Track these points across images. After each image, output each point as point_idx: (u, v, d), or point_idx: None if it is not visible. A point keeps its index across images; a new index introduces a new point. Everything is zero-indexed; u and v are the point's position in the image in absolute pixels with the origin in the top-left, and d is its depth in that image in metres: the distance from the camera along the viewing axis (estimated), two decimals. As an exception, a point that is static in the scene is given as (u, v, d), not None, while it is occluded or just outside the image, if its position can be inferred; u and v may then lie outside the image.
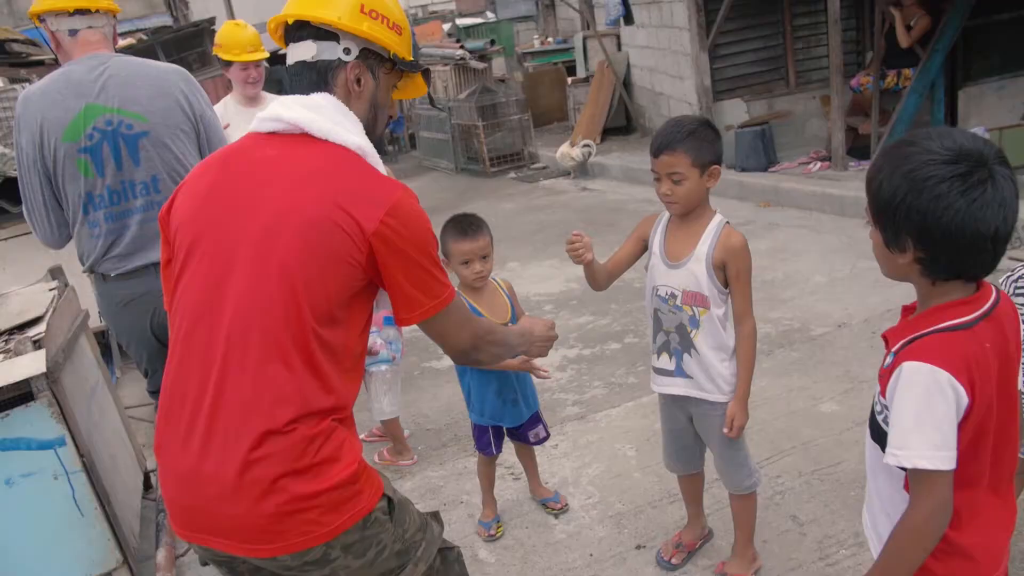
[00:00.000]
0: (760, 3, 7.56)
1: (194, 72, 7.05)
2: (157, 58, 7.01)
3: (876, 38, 7.04)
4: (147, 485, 3.79)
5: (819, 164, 7.09)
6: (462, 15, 17.62)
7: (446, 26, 15.56)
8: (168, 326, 1.62)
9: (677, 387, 2.42)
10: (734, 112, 7.83)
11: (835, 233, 5.88)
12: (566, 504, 3.11)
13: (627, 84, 10.28)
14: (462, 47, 11.11)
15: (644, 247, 2.47)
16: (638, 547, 2.82)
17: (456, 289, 1.71)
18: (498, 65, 12.91)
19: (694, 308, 2.32)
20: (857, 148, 7.22)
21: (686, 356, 2.37)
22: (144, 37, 6.86)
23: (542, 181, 9.68)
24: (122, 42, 7.16)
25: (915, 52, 6.91)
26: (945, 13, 6.77)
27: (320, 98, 1.60)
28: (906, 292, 1.56)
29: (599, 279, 2.44)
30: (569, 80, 11.53)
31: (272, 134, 1.61)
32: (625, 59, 10.28)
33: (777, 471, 3.10)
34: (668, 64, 8.48)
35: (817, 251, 5.58)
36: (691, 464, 2.64)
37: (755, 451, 3.24)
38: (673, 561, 2.70)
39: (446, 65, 10.97)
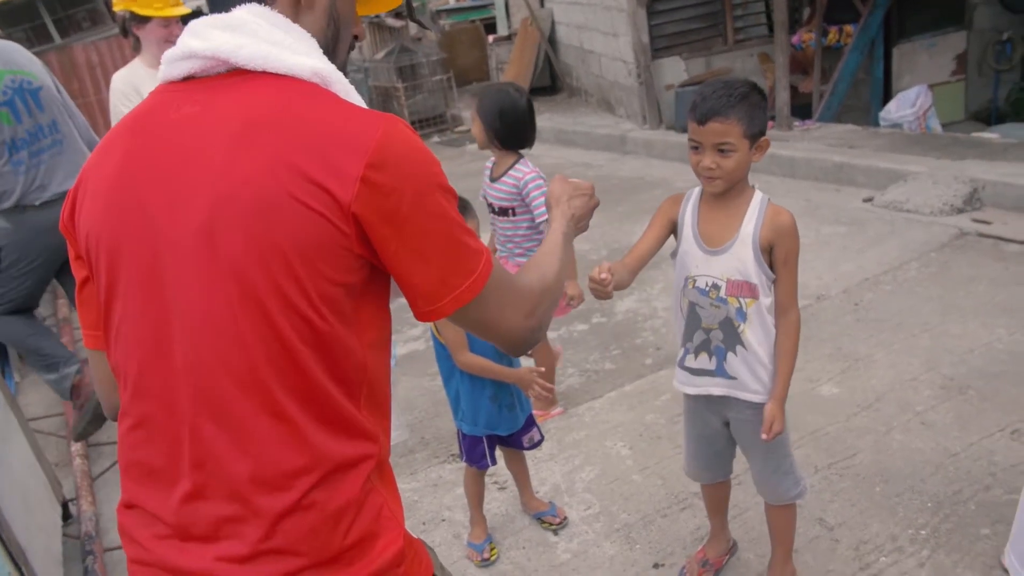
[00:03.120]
0: (697, -44, 7.28)
1: (84, 33, 6.34)
2: (39, 15, 6.18)
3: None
4: (66, 515, 3.26)
5: (763, 124, 6.92)
6: (368, -31, 16.73)
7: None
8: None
9: (717, 387, 2.10)
10: (673, 70, 7.56)
11: (790, 196, 5.70)
12: (565, 517, 2.79)
13: (552, 42, 9.87)
14: (376, 3, 10.42)
15: (670, 232, 2.13)
16: (656, 566, 2.53)
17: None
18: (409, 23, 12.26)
19: (741, 300, 1.99)
20: (797, 107, 7.08)
21: (731, 355, 2.05)
22: (22, -9, 6.04)
23: (468, 145, 9.21)
24: (-3, -3, 6.29)
25: (853, 6, 6.78)
26: (884, -33, 6.66)
27: (245, 12, 1.11)
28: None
29: (622, 285, 2.06)
30: (490, 38, 11.03)
31: (189, 80, 1.12)
32: (550, 16, 9.86)
33: (791, 467, 2.86)
34: (600, 21, 8.12)
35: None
36: (720, 472, 2.34)
37: (762, 444, 3.00)
38: None
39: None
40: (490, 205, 3.16)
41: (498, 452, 2.69)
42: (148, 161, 1.09)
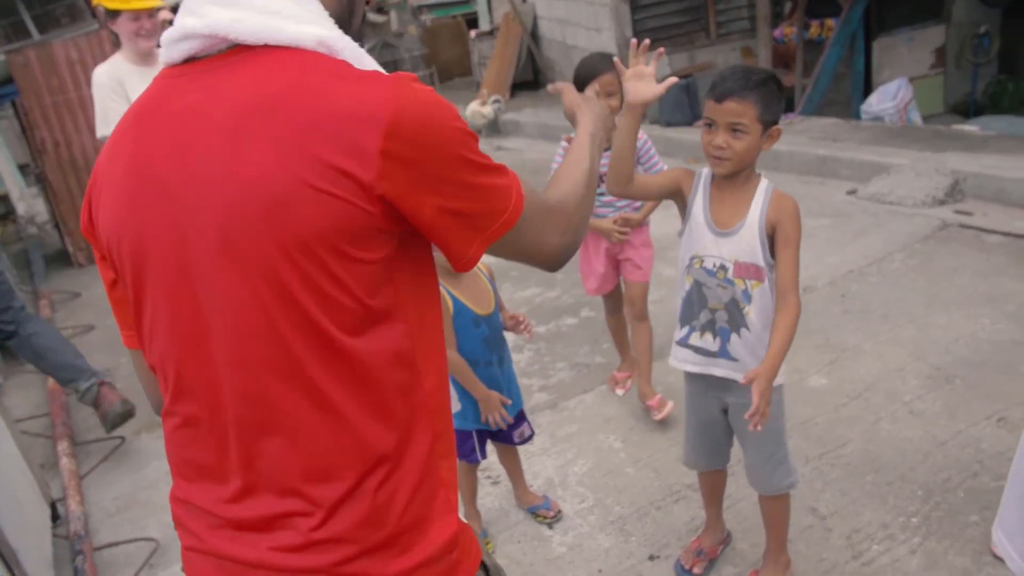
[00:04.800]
0: (679, -49, 7.30)
1: (63, 29, 6.31)
2: (16, 12, 6.09)
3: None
4: (54, 516, 3.23)
5: (746, 118, 6.95)
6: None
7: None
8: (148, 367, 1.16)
9: (719, 368, 2.12)
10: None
11: (773, 190, 5.75)
12: (559, 510, 2.80)
13: (535, 37, 9.86)
14: (357, -2, 10.36)
15: (672, 194, 2.17)
16: (651, 558, 2.55)
17: (515, 176, 1.14)
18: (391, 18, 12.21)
19: (747, 281, 2.03)
20: (779, 101, 7.12)
21: (734, 336, 2.08)
22: (0, -15, 5.93)
23: (452, 141, 9.21)
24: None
25: (835, 1, 6.83)
26: (864, -39, 6.71)
27: None
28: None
29: (628, 167, 2.08)
30: (472, 33, 11.00)
31: (190, 62, 1.05)
32: (532, 10, 9.85)
33: (783, 458, 2.88)
34: (583, 15, 8.12)
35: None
36: (718, 459, 2.36)
37: (753, 436, 3.02)
38: (695, 571, 2.43)
39: (341, 18, 10.22)
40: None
41: (490, 446, 2.69)
42: (158, 158, 1.04)
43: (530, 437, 2.71)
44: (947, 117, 7.78)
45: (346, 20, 1.12)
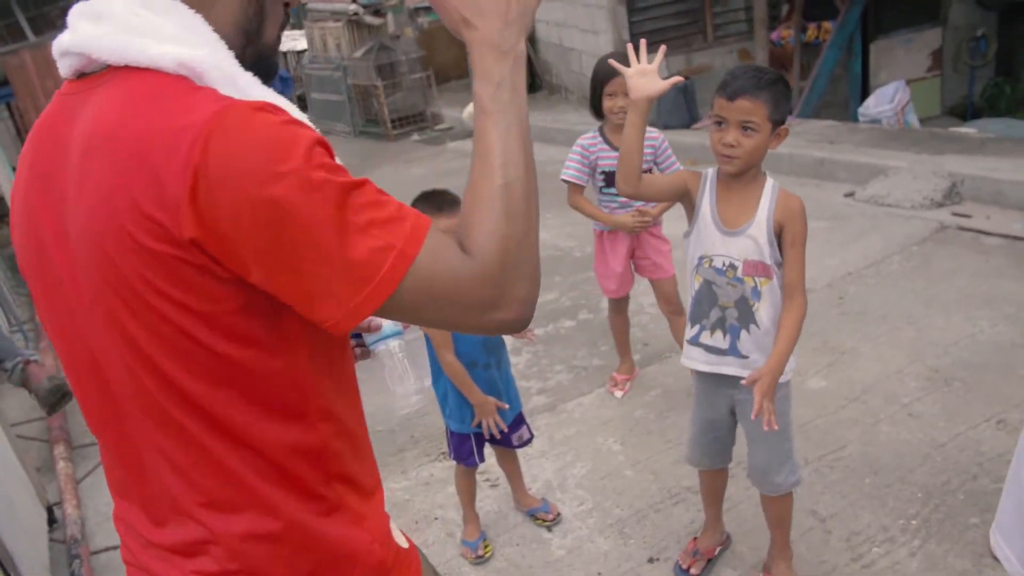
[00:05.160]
0: (675, -47, 7.32)
1: (58, 30, 6.22)
2: (12, 13, 6.08)
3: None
4: (51, 520, 3.22)
5: (743, 120, 6.96)
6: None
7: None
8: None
9: (729, 366, 2.14)
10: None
11: (771, 192, 5.76)
12: (558, 513, 2.79)
13: (531, 39, 9.86)
14: (354, 1, 10.36)
15: (680, 195, 2.17)
16: (651, 560, 2.54)
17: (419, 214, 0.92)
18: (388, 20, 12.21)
19: (756, 279, 2.05)
20: (776, 103, 7.14)
21: (744, 333, 2.09)
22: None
23: (449, 143, 9.21)
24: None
25: (831, 2, 6.84)
26: (861, -36, 6.73)
27: None
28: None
29: (636, 166, 2.06)
30: (469, 36, 10.99)
31: (82, 78, 0.96)
32: (529, 13, 9.85)
33: (782, 460, 2.88)
34: (580, 18, 8.13)
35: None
36: (721, 458, 2.36)
37: (752, 438, 3.02)
38: (692, 571, 2.42)
39: (337, 21, 10.21)
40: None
41: (488, 450, 2.68)
42: (35, 192, 0.98)
43: (529, 440, 2.70)
44: (944, 119, 7.80)
45: (254, 31, 1.00)
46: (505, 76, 0.95)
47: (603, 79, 2.96)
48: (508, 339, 2.58)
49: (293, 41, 12.17)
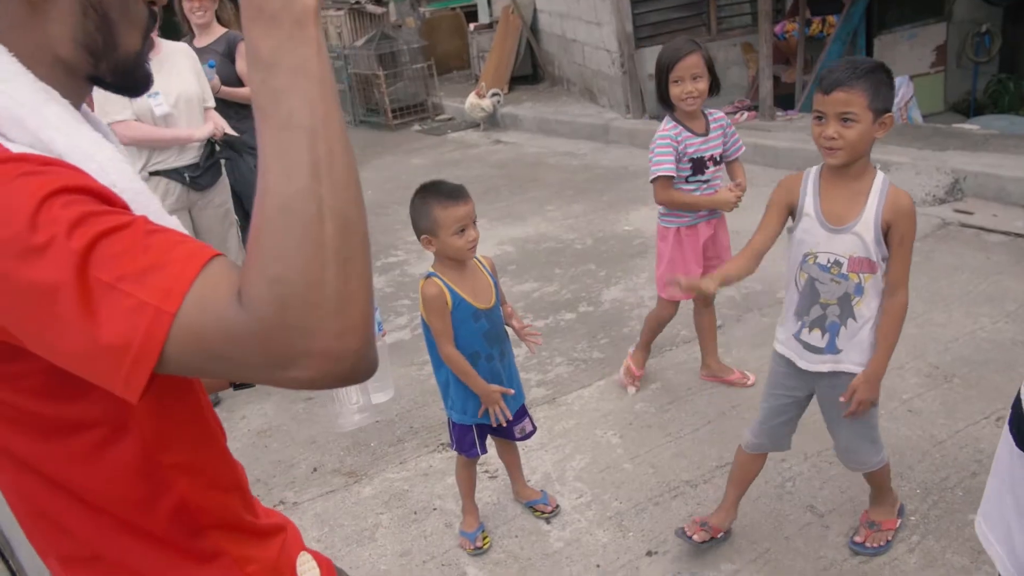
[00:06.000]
0: (680, -55, 7.27)
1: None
2: None
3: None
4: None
5: (746, 114, 6.93)
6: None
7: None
8: None
9: (826, 364, 2.19)
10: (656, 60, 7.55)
11: (773, 186, 5.73)
12: (556, 505, 2.78)
13: (534, 30, 9.83)
14: (357, -11, 10.34)
15: (787, 217, 2.21)
16: (649, 553, 2.53)
17: (202, 247, 0.75)
18: (390, 10, 12.17)
19: (860, 275, 2.08)
20: (779, 96, 7.10)
21: (842, 329, 2.14)
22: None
23: (450, 133, 9.17)
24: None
25: (836, -3, 6.82)
26: (866, -42, 6.69)
27: None
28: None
29: (745, 273, 2.20)
30: (471, 27, 10.95)
31: None
32: (531, 4, 9.80)
33: (781, 454, 2.87)
34: (583, 9, 8.09)
35: (759, 206, 5.40)
36: (783, 442, 2.42)
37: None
38: (695, 538, 2.43)
39: (339, 10, 10.17)
40: (704, 161, 3.04)
41: (489, 440, 2.67)
42: None
43: (531, 433, 2.69)
44: (948, 115, 7.77)
45: (100, 46, 0.88)
46: (279, 54, 0.70)
47: (667, 65, 2.90)
48: (510, 331, 2.56)
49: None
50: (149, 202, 0.88)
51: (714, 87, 2.93)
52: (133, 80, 0.93)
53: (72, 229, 0.71)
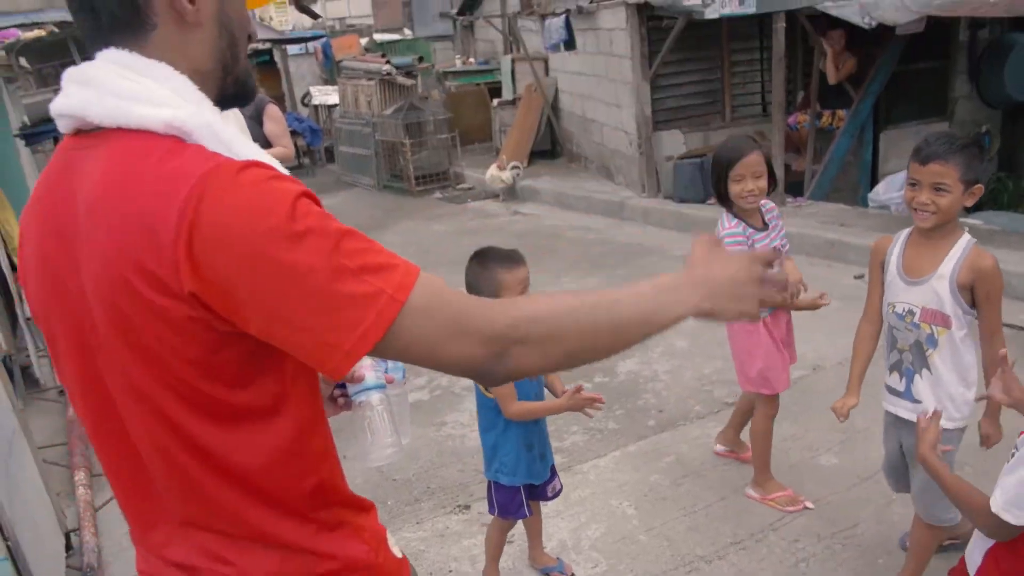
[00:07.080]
0: (700, 38, 7.60)
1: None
2: (69, 53, 6.33)
3: (814, 72, 7.19)
4: (68, 546, 3.26)
5: (758, 200, 7.15)
6: (380, 31, 17.15)
7: (363, 40, 15.09)
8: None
9: (904, 410, 2.38)
10: (672, 143, 7.82)
11: (784, 270, 5.89)
12: (572, 574, 2.84)
13: (555, 108, 10.18)
14: (388, 62, 10.73)
15: (883, 272, 2.43)
16: (663, 624, 2.59)
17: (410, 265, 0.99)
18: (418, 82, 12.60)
19: (933, 327, 2.26)
20: (790, 184, 7.33)
21: (917, 377, 2.31)
22: (55, 30, 6.13)
23: (470, 203, 9.41)
24: (28, 34, 6.42)
25: (846, 92, 7.10)
26: (877, 59, 6.99)
27: (102, 59, 0.99)
28: None
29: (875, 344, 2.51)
30: (495, 102, 11.34)
31: (78, 135, 1.02)
32: (554, 84, 10.18)
33: (794, 534, 2.94)
34: (604, 91, 8.41)
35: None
36: (899, 485, 2.62)
37: (765, 510, 3.08)
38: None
39: (371, 80, 10.56)
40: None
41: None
42: (53, 244, 1.03)
43: (560, 491, 2.74)
44: (952, 211, 7.96)
45: (230, 61, 1.07)
46: (676, 307, 1.08)
47: (728, 162, 2.82)
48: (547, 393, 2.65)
49: (325, 95, 12.54)
50: None
51: (772, 184, 2.89)
52: (245, 90, 1.12)
53: (323, 222, 0.92)
